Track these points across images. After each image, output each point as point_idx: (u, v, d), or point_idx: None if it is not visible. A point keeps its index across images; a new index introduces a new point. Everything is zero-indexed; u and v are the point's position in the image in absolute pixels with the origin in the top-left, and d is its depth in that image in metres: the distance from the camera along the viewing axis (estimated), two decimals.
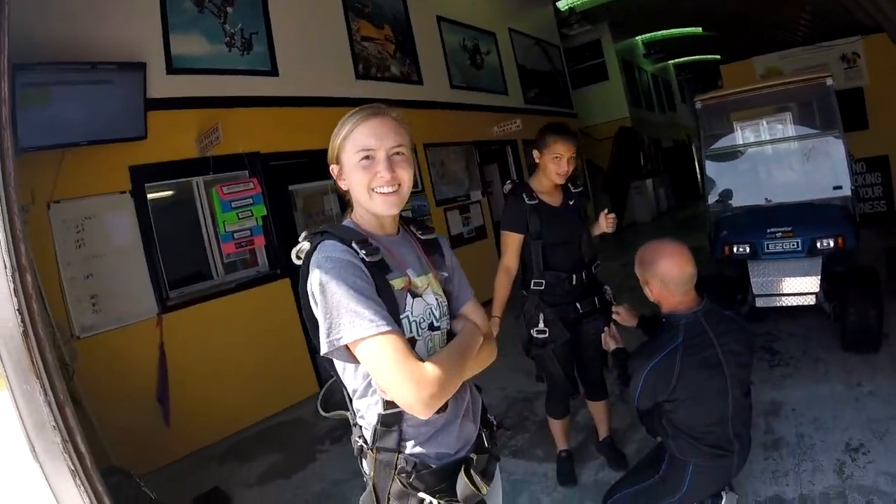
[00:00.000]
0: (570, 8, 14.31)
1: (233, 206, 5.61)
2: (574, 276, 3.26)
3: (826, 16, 12.68)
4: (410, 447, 1.54)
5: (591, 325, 3.30)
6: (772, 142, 6.12)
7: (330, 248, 1.46)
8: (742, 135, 6.33)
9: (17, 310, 1.79)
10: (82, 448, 1.94)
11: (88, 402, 4.32)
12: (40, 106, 4.37)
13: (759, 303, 5.06)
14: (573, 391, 3.44)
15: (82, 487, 1.90)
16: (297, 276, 1.53)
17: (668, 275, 2.44)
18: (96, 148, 4.79)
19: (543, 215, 3.21)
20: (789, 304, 4.96)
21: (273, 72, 6.45)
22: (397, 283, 1.54)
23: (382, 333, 1.36)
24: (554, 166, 3.17)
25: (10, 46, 1.96)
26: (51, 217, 4.65)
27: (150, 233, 5.24)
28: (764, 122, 6.26)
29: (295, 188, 6.81)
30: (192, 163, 5.57)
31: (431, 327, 1.60)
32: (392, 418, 1.51)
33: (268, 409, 5.65)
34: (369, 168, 1.53)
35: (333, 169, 1.64)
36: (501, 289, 3.32)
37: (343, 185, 1.63)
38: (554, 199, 3.30)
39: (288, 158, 6.37)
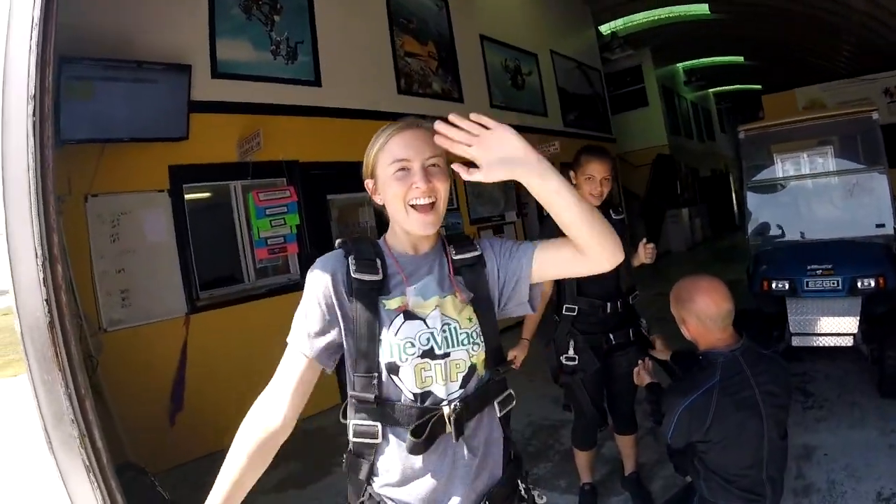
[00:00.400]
0: (612, 32, 14.31)
1: (267, 213, 5.60)
2: (609, 304, 3.16)
3: (869, 47, 12.55)
4: (378, 485, 1.49)
5: (623, 358, 3.19)
6: (815, 176, 5.97)
7: (321, 261, 1.50)
8: (784, 167, 6.17)
9: (45, 300, 1.77)
10: (99, 444, 1.91)
11: (110, 396, 4.35)
12: (83, 100, 4.43)
13: (796, 341, 4.87)
14: (601, 422, 3.31)
15: (95, 484, 1.86)
16: None
17: (705, 312, 2.34)
18: (137, 145, 4.85)
19: None
20: (826, 345, 4.78)
21: (316, 82, 6.48)
22: (392, 303, 1.47)
23: (291, 348, 1.49)
24: (587, 186, 3.07)
25: (58, 38, 1.93)
26: (87, 210, 4.71)
27: (184, 233, 5.27)
28: (806, 156, 6.10)
29: (332, 198, 6.79)
30: (231, 167, 5.60)
31: (429, 354, 1.46)
32: (363, 448, 1.48)
33: None
34: (405, 180, 1.46)
35: (368, 184, 1.57)
36: (534, 315, 3.22)
37: (378, 200, 1.55)
38: None
39: (326, 168, 6.36)
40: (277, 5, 6.17)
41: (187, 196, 5.38)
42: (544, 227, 3.19)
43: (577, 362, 3.12)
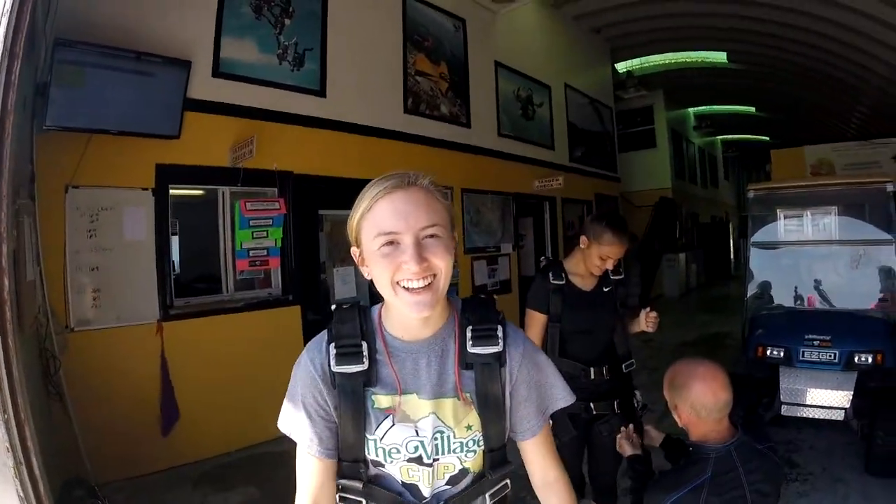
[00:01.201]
0: (628, 71, 14.26)
1: (250, 223, 5.45)
2: (593, 369, 2.98)
3: (884, 112, 12.56)
4: None
5: (604, 426, 2.99)
6: (822, 243, 5.86)
7: (305, 352, 1.36)
8: (790, 229, 6.08)
9: None
10: (37, 472, 1.78)
11: (72, 398, 4.27)
12: (74, 86, 4.26)
13: (786, 410, 4.80)
14: (578, 492, 3.10)
15: None
16: (308, 305, 1.28)
17: (700, 401, 2.17)
18: (125, 139, 4.67)
19: (568, 298, 2.97)
20: (816, 417, 4.71)
21: (320, 92, 6.32)
22: (382, 401, 1.30)
23: (300, 450, 1.34)
24: (597, 261, 2.92)
25: (56, 22, 1.78)
26: (66, 201, 4.53)
27: (165, 235, 5.09)
28: (814, 220, 5.99)
29: (324, 213, 6.59)
30: (222, 171, 5.42)
31: (416, 461, 1.30)
32: None
33: (256, 437, 5.34)
34: (392, 257, 1.20)
35: (354, 252, 1.32)
36: None
37: (365, 273, 1.31)
38: (586, 283, 3.03)
39: (321, 182, 6.17)
40: (289, 8, 6.01)
41: (172, 197, 5.19)
42: (532, 287, 3.09)
43: (551, 428, 2.92)
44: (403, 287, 1.21)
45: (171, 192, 5.17)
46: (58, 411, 4.20)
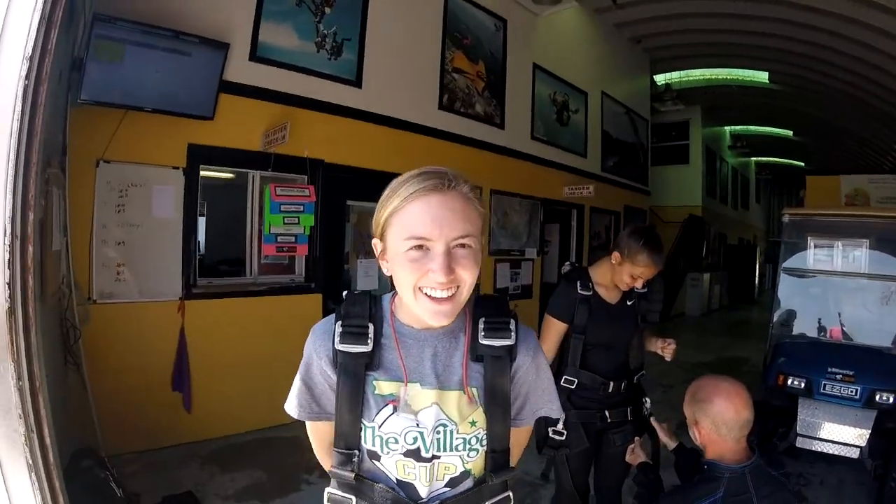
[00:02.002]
0: (666, 84, 14.09)
1: (282, 209, 5.41)
2: (612, 383, 2.91)
3: None
4: None
5: (618, 435, 2.95)
6: (854, 275, 5.75)
7: (313, 331, 1.34)
8: (824, 257, 5.95)
9: (8, 283, 1.62)
10: (47, 441, 1.76)
11: (88, 369, 4.30)
12: (111, 61, 4.28)
13: (801, 443, 4.72)
14: (581, 502, 3.05)
15: (37, 484, 1.71)
16: (330, 294, 1.27)
17: (722, 417, 2.16)
18: (159, 117, 4.68)
19: (594, 309, 2.89)
20: (831, 452, 4.61)
21: (356, 83, 6.29)
22: (384, 387, 1.27)
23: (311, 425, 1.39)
24: (629, 280, 2.84)
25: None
26: (97, 175, 4.55)
27: (193, 215, 5.11)
28: (846, 250, 5.88)
29: (352, 203, 6.58)
30: (253, 155, 5.41)
31: (413, 454, 1.26)
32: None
33: (268, 420, 5.36)
34: (420, 263, 1.15)
35: (376, 245, 1.27)
36: None
37: (385, 269, 1.27)
38: (611, 295, 2.95)
39: (350, 173, 6.15)
40: None
41: (202, 177, 5.21)
42: (556, 294, 3.00)
43: (564, 437, 2.87)
44: (426, 294, 1.16)
45: (202, 172, 5.18)
46: (74, 381, 4.24)
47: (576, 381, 2.89)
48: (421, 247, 1.15)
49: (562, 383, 2.89)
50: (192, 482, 4.32)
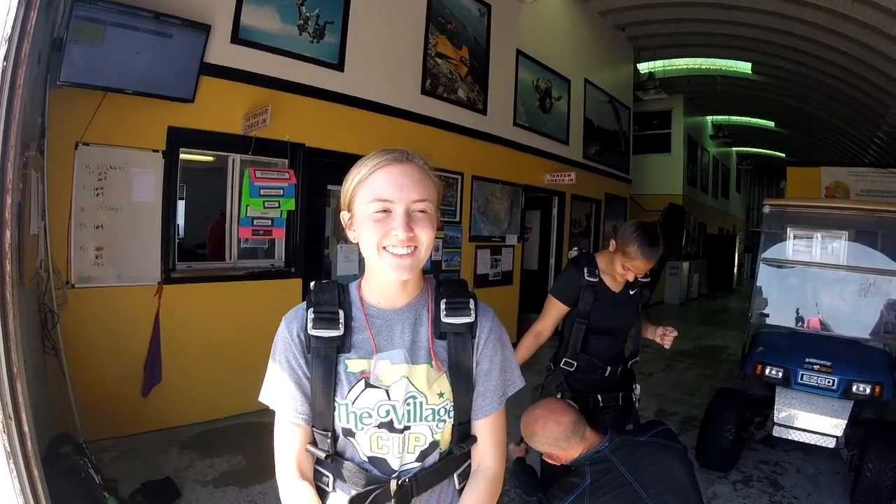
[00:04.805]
0: (650, 73, 14.09)
1: (261, 192, 5.39)
2: (609, 368, 3.00)
3: None
4: None
5: (609, 417, 3.03)
6: (833, 267, 5.82)
7: (285, 319, 1.42)
8: (803, 248, 6.05)
9: None
10: (26, 428, 1.73)
11: (67, 354, 4.27)
12: (92, 43, 4.22)
13: (778, 432, 4.78)
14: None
15: (15, 472, 1.68)
16: (309, 279, 1.32)
17: (551, 438, 2.35)
18: (139, 99, 4.64)
19: (599, 296, 2.96)
20: (807, 441, 4.69)
21: (338, 66, 6.25)
22: (355, 365, 1.36)
23: (280, 418, 1.40)
24: (621, 270, 2.90)
25: None
26: (76, 157, 4.51)
27: (172, 198, 5.08)
28: (828, 241, 5.99)
29: (332, 188, 6.53)
30: (234, 138, 5.38)
31: (387, 426, 1.35)
32: (318, 490, 1.41)
33: (246, 405, 5.34)
34: (383, 223, 1.30)
35: (344, 216, 1.43)
36: (524, 350, 3.08)
37: (352, 238, 1.41)
38: (615, 284, 3.02)
39: (331, 157, 6.11)
40: None
41: (182, 160, 5.18)
42: (562, 276, 3.10)
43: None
44: (389, 251, 1.31)
45: (182, 155, 5.15)
46: (52, 366, 4.21)
47: (575, 364, 2.97)
48: (384, 210, 1.30)
49: (561, 365, 2.98)
50: (171, 468, 4.33)
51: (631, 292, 3.04)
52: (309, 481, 1.39)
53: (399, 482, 1.35)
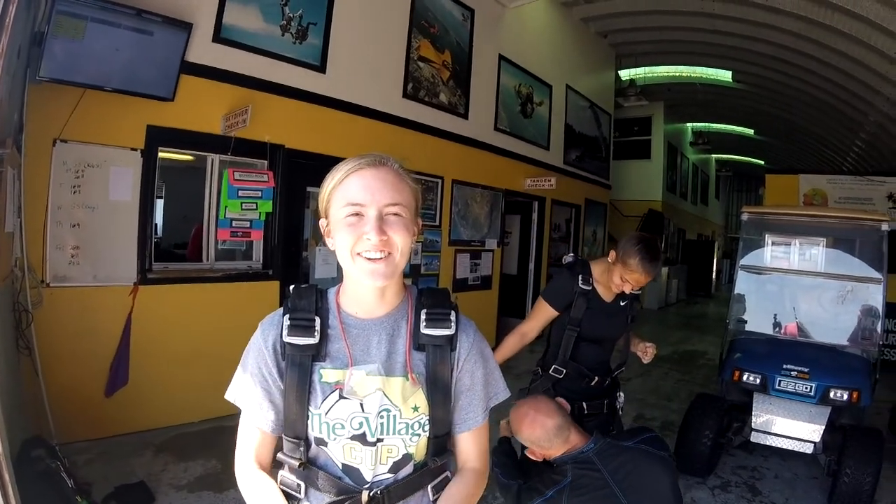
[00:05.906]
0: (631, 80, 14.20)
1: (239, 194, 5.35)
2: (597, 377, 3.02)
3: (879, 147, 12.67)
4: None
5: (592, 424, 2.97)
6: (811, 274, 5.84)
7: (261, 324, 1.41)
8: (781, 255, 6.05)
9: None
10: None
11: (41, 355, 4.23)
12: (72, 38, 4.17)
13: (755, 437, 4.80)
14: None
15: None
16: (287, 281, 1.32)
17: (534, 437, 2.39)
18: (118, 97, 4.58)
19: (592, 305, 2.98)
20: (785, 447, 4.72)
21: (321, 68, 6.25)
22: (329, 375, 1.34)
23: (245, 417, 1.41)
24: (619, 282, 2.90)
25: None
26: (53, 155, 4.45)
27: (150, 198, 5.02)
28: (806, 248, 5.99)
29: (312, 190, 6.51)
30: (213, 138, 5.35)
31: (359, 438, 1.34)
32: (288, 497, 1.40)
33: (222, 409, 5.21)
34: (356, 227, 1.28)
35: (322, 223, 1.41)
36: (507, 349, 3.09)
37: (331, 245, 1.38)
38: (607, 294, 3.03)
39: (312, 159, 6.08)
40: None
41: (160, 160, 5.14)
42: (555, 281, 3.11)
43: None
44: (363, 256, 1.28)
45: (160, 154, 5.11)
46: (26, 367, 4.16)
47: (564, 371, 2.98)
48: (357, 214, 1.28)
49: (550, 372, 3.00)
50: (145, 471, 4.29)
51: (622, 303, 3.06)
52: (267, 473, 1.40)
53: (371, 493, 1.33)
